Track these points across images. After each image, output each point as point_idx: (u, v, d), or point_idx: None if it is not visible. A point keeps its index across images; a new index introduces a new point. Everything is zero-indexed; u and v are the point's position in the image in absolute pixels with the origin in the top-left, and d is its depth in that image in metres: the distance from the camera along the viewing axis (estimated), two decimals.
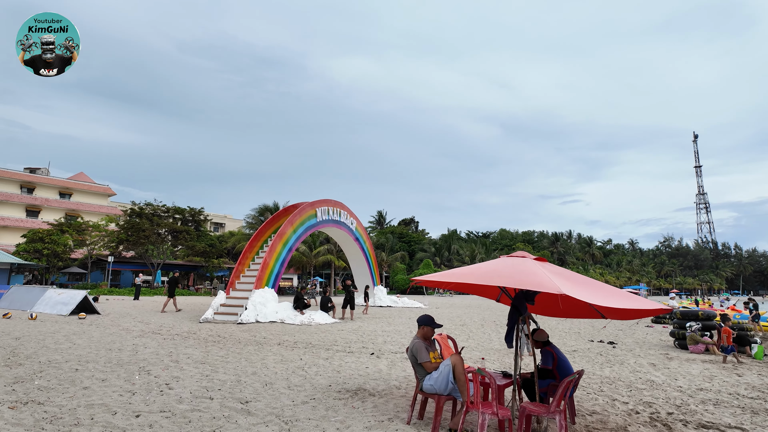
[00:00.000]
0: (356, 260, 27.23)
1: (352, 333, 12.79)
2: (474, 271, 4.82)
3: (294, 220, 19.08)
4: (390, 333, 13.09)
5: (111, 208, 58.42)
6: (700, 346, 11.50)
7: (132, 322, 13.93)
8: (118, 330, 11.85)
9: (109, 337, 10.38)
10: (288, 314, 15.77)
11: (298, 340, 10.78)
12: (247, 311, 15.33)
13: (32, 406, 4.84)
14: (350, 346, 10.23)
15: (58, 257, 38.78)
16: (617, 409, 5.86)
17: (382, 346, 10.30)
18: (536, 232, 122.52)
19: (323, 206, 21.75)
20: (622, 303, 4.25)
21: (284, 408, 5.19)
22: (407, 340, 11.47)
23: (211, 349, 9.09)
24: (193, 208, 45.65)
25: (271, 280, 17.39)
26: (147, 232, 39.77)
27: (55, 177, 59.18)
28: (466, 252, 77.76)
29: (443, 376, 4.52)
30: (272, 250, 17.57)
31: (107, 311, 17.81)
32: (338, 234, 24.84)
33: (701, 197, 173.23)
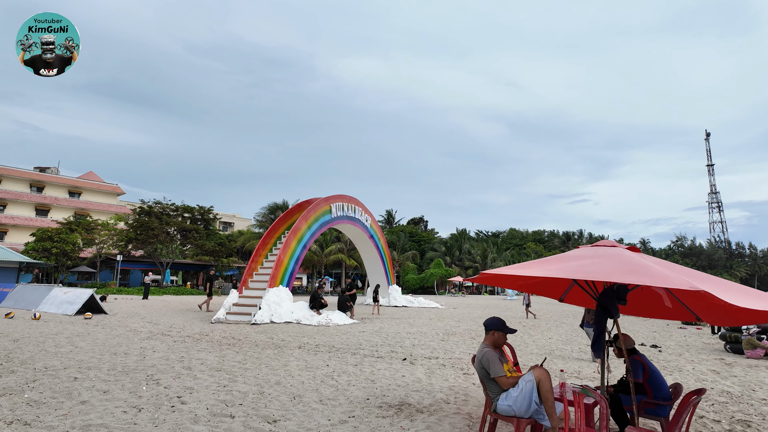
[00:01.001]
0: (370, 259, 26.34)
1: (375, 335, 11.89)
2: (558, 264, 3.89)
3: (308, 215, 18.23)
4: (415, 335, 12.17)
5: (120, 207, 58.08)
6: (759, 351, 10.46)
7: (140, 323, 13.15)
8: (125, 331, 11.05)
9: (115, 339, 9.57)
10: (304, 314, 14.92)
11: (319, 343, 9.90)
12: (261, 311, 14.50)
13: (16, 428, 3.98)
14: (377, 350, 9.33)
15: (66, 256, 38.30)
16: (713, 430, 4.89)
17: (412, 350, 9.38)
18: (546, 232, 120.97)
19: (338, 202, 20.88)
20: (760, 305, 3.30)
21: (320, 428, 4.30)
22: (436, 343, 10.56)
23: (226, 354, 8.23)
24: (202, 206, 45.03)
25: (285, 279, 16.55)
26: (156, 231, 39.17)
27: (64, 176, 58.99)
28: (478, 251, 76.54)
29: (524, 395, 3.60)
30: (286, 247, 16.72)
31: (115, 311, 17.08)
32: (352, 231, 23.96)
33: (713, 196, 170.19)
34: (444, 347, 9.92)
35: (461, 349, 9.86)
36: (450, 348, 9.91)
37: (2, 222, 47.27)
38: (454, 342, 10.94)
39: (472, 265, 74.60)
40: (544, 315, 22.09)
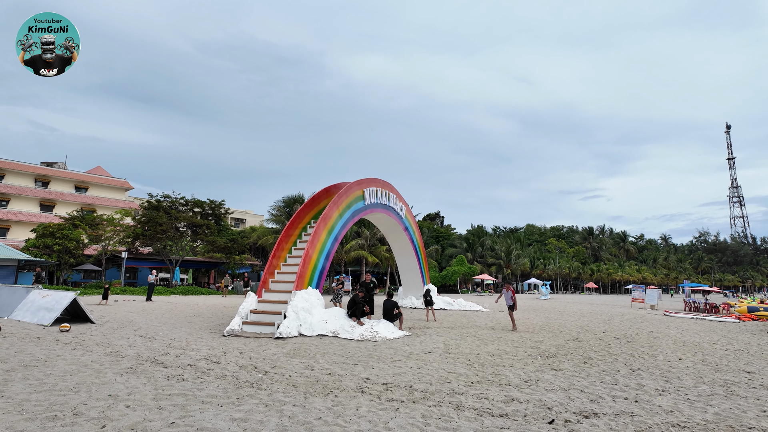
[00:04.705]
0: (404, 254, 22.97)
1: (451, 360, 8.52)
2: None
3: (340, 201, 14.92)
4: (503, 357, 8.78)
5: (128, 202, 55.47)
6: None
7: (130, 338, 9.95)
8: (102, 355, 7.83)
9: (79, 375, 6.33)
10: (341, 324, 11.63)
11: (387, 381, 6.47)
12: (286, 321, 11.25)
13: None
14: (482, 392, 5.97)
15: (69, 253, 35.55)
16: None
17: (530, 392, 6.01)
18: (565, 227, 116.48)
19: (371, 186, 17.54)
20: None
21: None
22: (551, 376, 7.18)
23: (250, 410, 4.92)
24: (213, 200, 42.03)
25: (314, 279, 13.27)
26: (165, 227, 36.28)
27: (71, 170, 56.55)
28: (501, 248, 72.67)
29: None
30: (315, 237, 13.43)
31: (106, 318, 13.96)
32: (385, 222, 20.61)
33: (735, 190, 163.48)
34: (574, 382, 6.56)
35: (599, 388, 6.48)
36: (590, 388, 6.52)
37: (4, 218, 44.80)
38: (573, 371, 7.57)
39: (496, 261, 70.79)
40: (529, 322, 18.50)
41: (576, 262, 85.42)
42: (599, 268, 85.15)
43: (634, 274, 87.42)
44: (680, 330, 15.80)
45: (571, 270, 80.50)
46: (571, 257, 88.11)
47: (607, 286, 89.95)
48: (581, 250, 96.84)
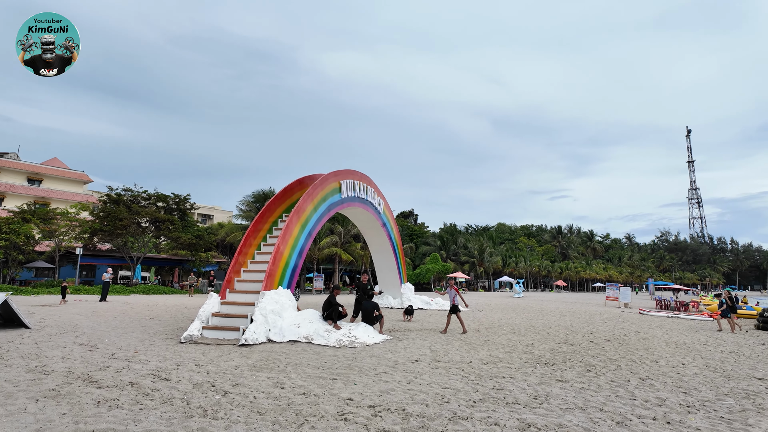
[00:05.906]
0: (381, 251, 21.92)
1: (443, 370, 7.52)
2: None
3: (314, 194, 13.72)
4: (499, 367, 7.85)
5: (87, 195, 52.27)
6: None
7: (67, 348, 8.50)
8: (24, 371, 6.42)
9: None
10: (316, 328, 10.46)
11: (374, 403, 5.35)
12: (253, 325, 10.00)
13: None
14: (490, 416, 4.97)
15: (18, 249, 32.85)
16: None
17: (546, 416, 5.05)
18: (534, 226, 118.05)
19: (349, 178, 16.39)
20: None
21: None
22: (559, 390, 6.27)
23: None
24: (178, 194, 39.81)
25: (286, 277, 12.04)
26: (125, 222, 33.98)
27: (23, 161, 52.86)
28: (475, 246, 72.67)
29: None
30: (287, 232, 12.19)
31: (47, 321, 12.32)
32: (362, 217, 19.50)
33: (693, 192, 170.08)
34: (588, 398, 5.66)
35: (618, 405, 5.60)
36: (608, 405, 5.62)
37: None
38: (581, 383, 6.70)
39: (469, 259, 70.76)
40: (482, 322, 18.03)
41: (546, 260, 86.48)
42: (568, 266, 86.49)
43: (600, 273, 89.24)
44: (664, 329, 15.39)
45: (542, 268, 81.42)
46: (541, 255, 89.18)
47: (575, 284, 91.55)
48: (551, 249, 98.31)
